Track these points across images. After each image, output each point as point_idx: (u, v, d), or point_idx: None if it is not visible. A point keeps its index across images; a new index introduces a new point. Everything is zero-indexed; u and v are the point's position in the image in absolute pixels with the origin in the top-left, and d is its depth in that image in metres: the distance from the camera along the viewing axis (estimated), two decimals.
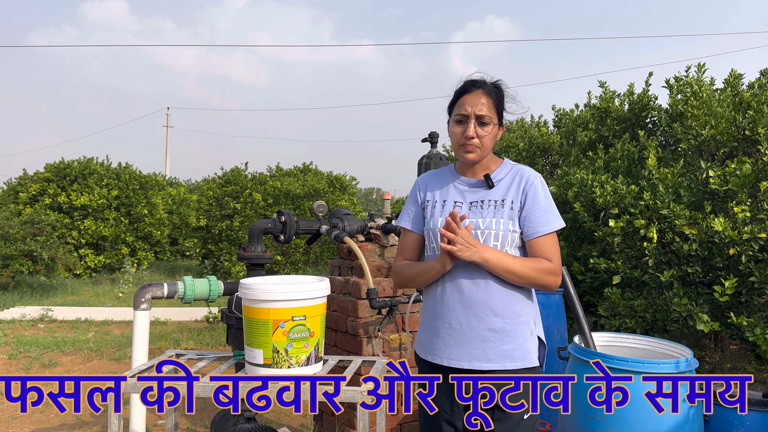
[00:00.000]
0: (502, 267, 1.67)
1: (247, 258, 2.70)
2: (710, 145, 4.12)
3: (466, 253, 1.63)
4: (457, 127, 1.76)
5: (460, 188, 1.83)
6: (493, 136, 1.76)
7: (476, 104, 1.73)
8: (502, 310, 1.72)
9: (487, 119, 1.73)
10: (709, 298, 3.79)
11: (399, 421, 3.28)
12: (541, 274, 1.71)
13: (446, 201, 1.83)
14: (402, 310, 3.27)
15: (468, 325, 1.72)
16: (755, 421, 2.47)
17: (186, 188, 18.81)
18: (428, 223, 1.84)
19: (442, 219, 1.78)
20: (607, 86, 5.42)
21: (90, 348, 5.79)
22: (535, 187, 1.76)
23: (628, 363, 2.33)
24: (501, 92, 1.79)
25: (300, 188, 11.03)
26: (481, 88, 1.75)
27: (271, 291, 1.74)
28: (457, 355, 1.74)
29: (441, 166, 3.46)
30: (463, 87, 1.78)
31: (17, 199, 11.83)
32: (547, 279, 1.72)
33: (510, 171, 1.81)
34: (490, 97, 1.75)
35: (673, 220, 3.72)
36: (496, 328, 1.72)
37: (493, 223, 1.73)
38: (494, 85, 1.78)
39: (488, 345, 1.72)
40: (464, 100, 1.75)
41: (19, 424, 3.89)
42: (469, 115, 1.73)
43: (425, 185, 1.91)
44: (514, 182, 1.78)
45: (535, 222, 1.74)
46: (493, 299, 1.72)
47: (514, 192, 1.76)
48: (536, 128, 6.50)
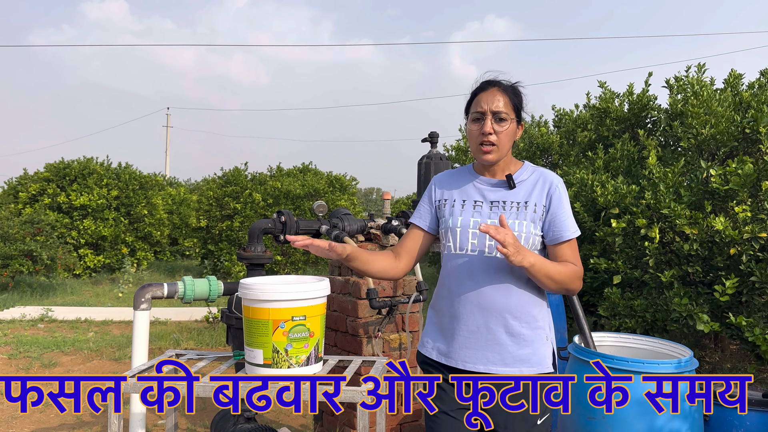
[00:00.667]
0: (544, 273, 1.63)
1: (247, 258, 2.70)
2: (710, 144, 4.12)
3: (517, 257, 1.56)
4: (474, 125, 1.74)
5: (479, 187, 1.80)
6: (510, 133, 1.73)
7: (492, 101, 1.71)
8: (520, 314, 1.70)
9: (504, 115, 1.71)
10: (709, 298, 3.79)
11: (399, 421, 3.28)
12: (572, 279, 1.69)
13: (466, 200, 1.79)
14: (402, 310, 3.27)
15: (486, 328, 1.70)
16: (755, 421, 2.48)
17: (186, 188, 18.80)
18: (446, 222, 1.80)
19: (463, 218, 1.76)
20: (607, 86, 5.43)
21: (90, 348, 5.79)
22: (560, 192, 1.74)
23: (628, 363, 2.33)
24: (518, 91, 1.78)
25: (300, 188, 11.04)
26: (497, 86, 1.74)
27: (271, 291, 1.74)
28: (473, 358, 1.71)
29: (441, 166, 3.47)
30: (480, 86, 1.77)
31: (17, 198, 11.82)
32: (576, 284, 1.71)
33: (533, 173, 1.79)
34: (506, 94, 1.73)
35: (673, 219, 3.72)
36: (513, 332, 1.69)
37: (516, 225, 1.70)
38: (511, 84, 1.78)
39: (505, 349, 1.69)
40: (480, 98, 1.74)
41: (19, 424, 3.89)
42: (485, 111, 1.71)
43: (442, 184, 1.89)
44: (537, 185, 1.75)
45: (561, 227, 1.72)
46: (512, 303, 1.70)
47: (537, 194, 1.74)
48: (536, 128, 6.50)
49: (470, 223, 1.75)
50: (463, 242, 1.74)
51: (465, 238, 1.74)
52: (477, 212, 1.75)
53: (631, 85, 5.21)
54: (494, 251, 1.70)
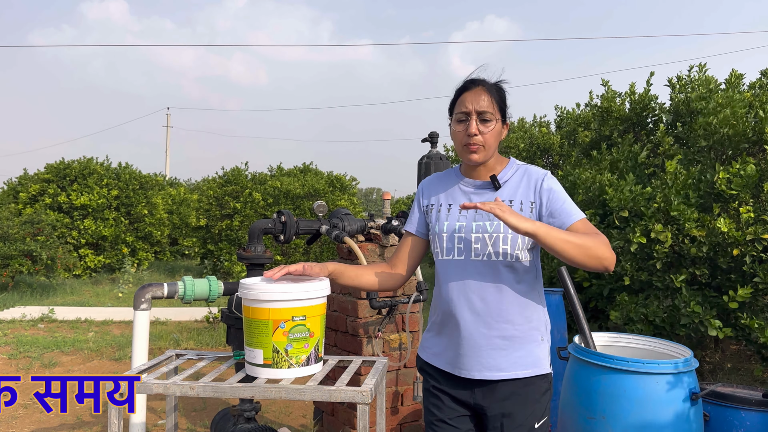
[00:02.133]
0: (556, 236, 1.53)
1: (247, 258, 2.70)
2: (724, 144, 4.07)
3: (516, 219, 1.49)
4: (459, 126, 1.70)
5: (465, 190, 1.77)
6: (496, 133, 1.70)
7: (477, 101, 1.67)
8: (512, 316, 1.67)
9: (489, 116, 1.67)
10: (717, 301, 3.77)
11: (399, 421, 3.28)
12: (597, 244, 1.57)
13: (452, 205, 1.77)
14: (402, 310, 3.27)
15: (479, 333, 1.67)
16: (755, 421, 2.47)
17: (186, 188, 18.81)
18: (433, 228, 1.78)
19: (449, 223, 1.74)
20: (609, 85, 5.42)
21: (90, 348, 5.79)
22: (549, 184, 1.69)
23: (628, 363, 2.32)
24: (502, 90, 1.74)
25: (300, 188, 11.03)
26: (481, 86, 1.70)
27: (271, 291, 1.73)
28: (468, 365, 1.69)
29: (441, 166, 3.47)
30: (463, 86, 1.73)
31: (17, 199, 11.82)
32: (606, 251, 1.57)
33: (517, 171, 1.75)
34: (491, 94, 1.69)
35: (683, 222, 3.68)
36: (507, 335, 1.67)
37: (501, 226, 1.66)
38: (495, 83, 1.74)
39: (500, 354, 1.67)
40: (464, 97, 1.70)
41: (19, 424, 3.89)
42: (470, 112, 1.67)
43: (429, 189, 1.86)
44: (522, 182, 1.72)
45: (563, 215, 1.66)
46: (504, 306, 1.67)
47: (523, 192, 1.71)
48: (537, 128, 6.50)
49: (456, 227, 1.72)
50: (450, 247, 1.72)
51: (451, 243, 1.72)
52: (463, 216, 1.73)
53: (632, 85, 5.21)
54: (481, 255, 1.67)
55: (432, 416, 1.78)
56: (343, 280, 1.78)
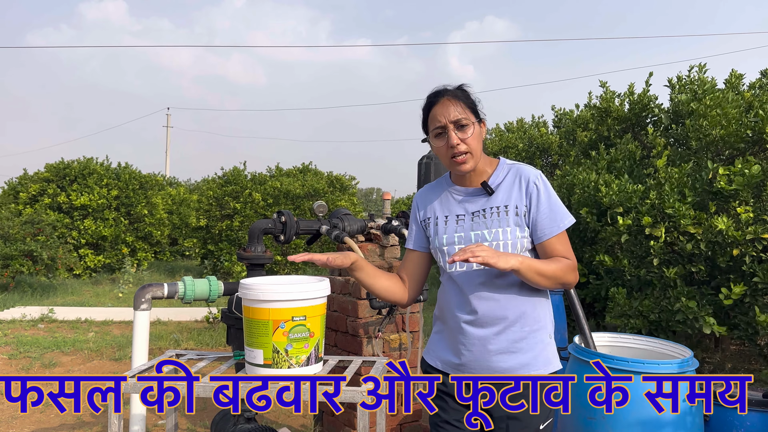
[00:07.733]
0: (534, 271, 1.60)
1: (247, 258, 2.70)
2: (718, 145, 4.09)
3: (500, 261, 1.53)
4: (439, 141, 1.69)
5: (458, 199, 1.76)
6: (477, 135, 1.68)
7: (447, 112, 1.66)
8: (518, 320, 1.67)
9: (465, 121, 1.66)
10: (713, 299, 3.77)
11: (399, 421, 3.28)
12: (565, 273, 1.66)
13: (448, 216, 1.76)
14: (402, 310, 3.27)
15: (487, 341, 1.67)
16: (755, 421, 2.47)
17: (186, 188, 18.81)
18: (433, 242, 1.78)
19: (448, 236, 1.74)
20: (607, 86, 5.42)
21: (90, 348, 5.80)
22: (537, 188, 1.68)
23: (628, 363, 2.33)
24: (467, 92, 1.72)
25: (300, 188, 11.03)
26: (445, 96, 1.69)
27: (271, 291, 1.74)
28: (475, 369, 1.69)
29: (441, 166, 3.47)
30: (428, 102, 1.72)
31: (17, 199, 11.83)
32: (571, 277, 1.68)
33: (509, 172, 1.73)
34: (458, 100, 1.68)
35: (678, 219, 3.70)
36: (515, 338, 1.67)
37: (500, 233, 1.67)
38: (457, 87, 1.72)
39: (509, 357, 1.67)
40: (434, 112, 1.69)
41: (19, 424, 3.89)
42: (444, 124, 1.66)
43: (423, 202, 1.86)
44: (515, 184, 1.71)
45: (544, 225, 1.67)
46: (509, 312, 1.67)
47: (516, 195, 1.69)
48: (536, 128, 6.50)
49: (455, 239, 1.73)
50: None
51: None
52: (460, 227, 1.73)
53: (631, 85, 5.21)
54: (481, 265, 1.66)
55: (437, 418, 1.79)
56: (360, 274, 1.76)
